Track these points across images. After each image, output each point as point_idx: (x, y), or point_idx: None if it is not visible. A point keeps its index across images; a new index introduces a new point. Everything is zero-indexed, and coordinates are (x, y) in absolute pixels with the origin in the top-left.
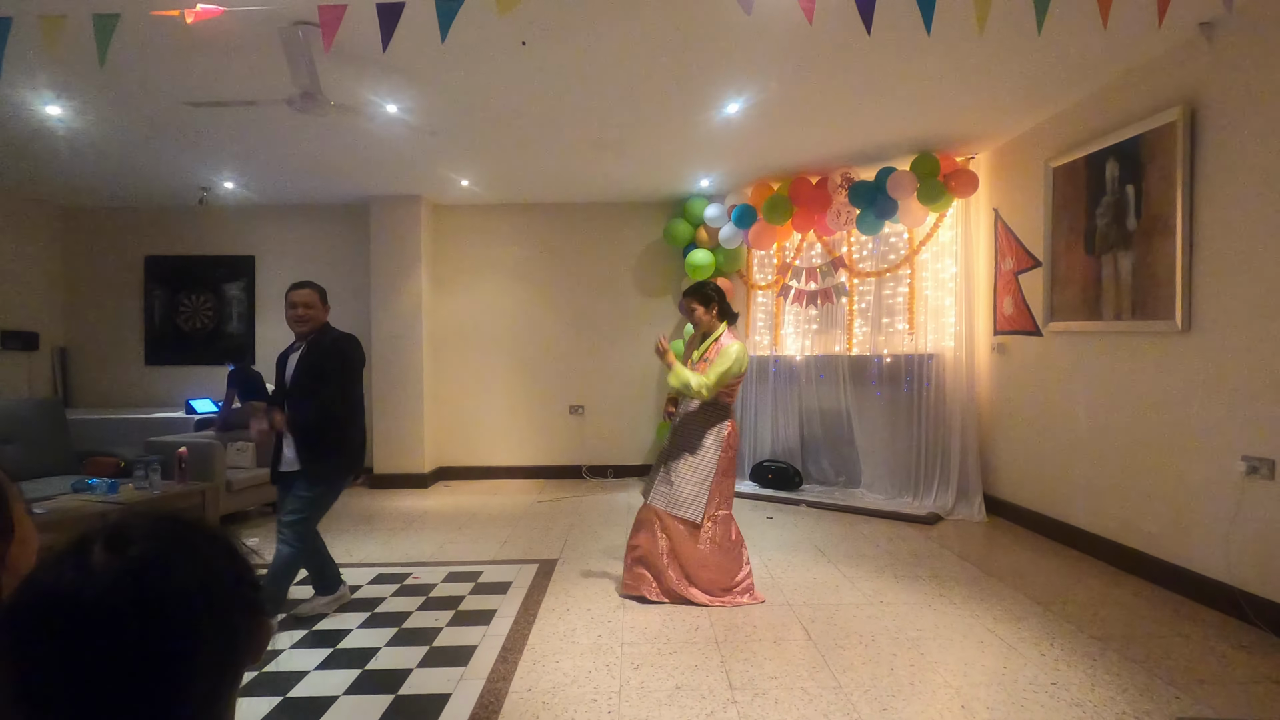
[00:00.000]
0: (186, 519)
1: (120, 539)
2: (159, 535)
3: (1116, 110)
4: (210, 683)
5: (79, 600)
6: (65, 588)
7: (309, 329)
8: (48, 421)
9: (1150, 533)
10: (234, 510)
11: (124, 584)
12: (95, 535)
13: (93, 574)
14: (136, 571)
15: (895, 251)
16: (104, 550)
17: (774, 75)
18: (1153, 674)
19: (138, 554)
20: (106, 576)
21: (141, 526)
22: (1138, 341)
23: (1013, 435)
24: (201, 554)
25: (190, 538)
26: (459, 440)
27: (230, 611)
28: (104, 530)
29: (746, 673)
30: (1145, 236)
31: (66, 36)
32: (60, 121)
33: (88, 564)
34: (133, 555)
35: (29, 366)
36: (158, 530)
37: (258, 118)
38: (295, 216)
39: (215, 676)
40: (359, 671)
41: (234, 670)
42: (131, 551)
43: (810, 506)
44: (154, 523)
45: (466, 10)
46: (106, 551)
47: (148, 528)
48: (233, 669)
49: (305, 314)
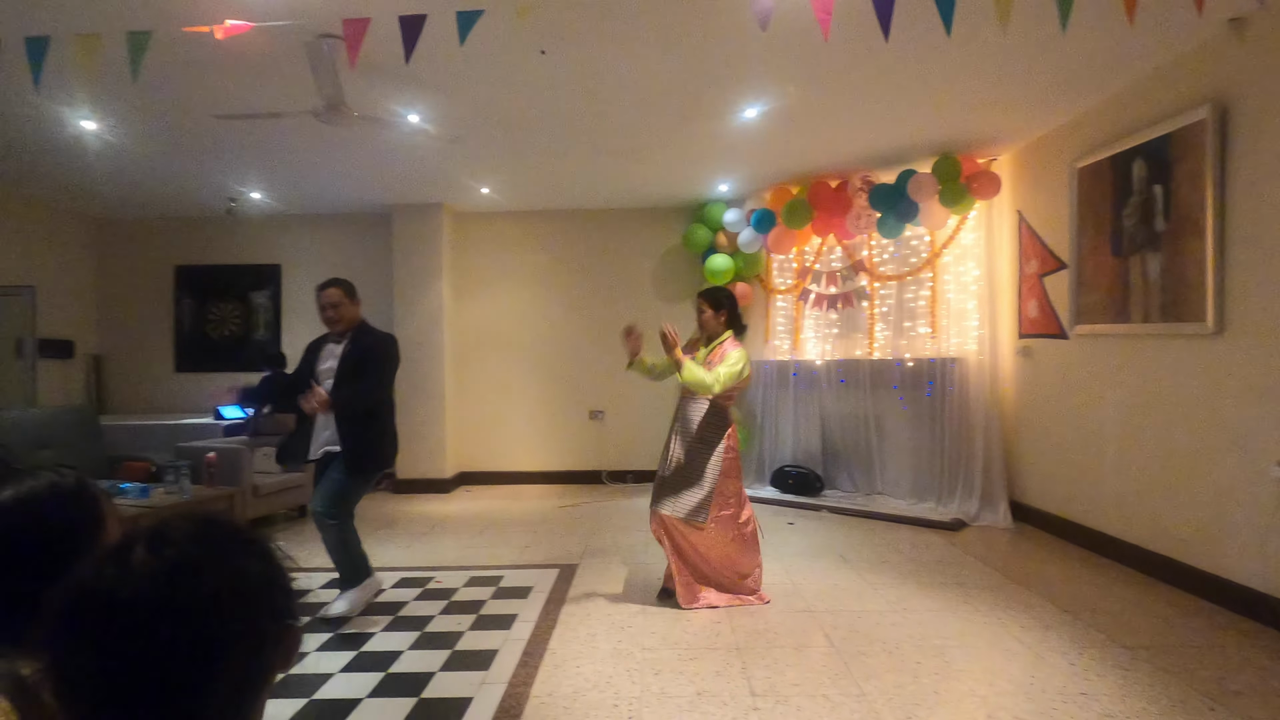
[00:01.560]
0: (227, 524)
1: (160, 541)
2: (196, 539)
3: (1143, 109)
4: (238, 684)
5: (115, 598)
6: (104, 585)
7: (343, 326)
8: (83, 427)
9: (1182, 539)
10: (260, 514)
11: (158, 585)
12: (139, 536)
13: (131, 573)
14: (170, 573)
15: (916, 254)
16: (144, 551)
17: (792, 79)
18: (1187, 685)
19: (173, 556)
20: (143, 577)
21: (182, 529)
22: (1167, 344)
23: (1038, 440)
24: (235, 559)
25: (226, 543)
26: (480, 445)
27: (259, 616)
28: (147, 531)
29: (768, 679)
30: (1174, 237)
31: (101, 54)
32: (95, 136)
33: (128, 563)
34: (168, 557)
35: (65, 374)
36: (196, 534)
37: (284, 129)
38: (319, 225)
39: (243, 678)
40: (383, 674)
41: (263, 673)
42: (168, 553)
43: (832, 512)
44: (194, 526)
45: (486, 20)
46: (146, 552)
47: (187, 531)
48: (261, 672)
49: (335, 313)
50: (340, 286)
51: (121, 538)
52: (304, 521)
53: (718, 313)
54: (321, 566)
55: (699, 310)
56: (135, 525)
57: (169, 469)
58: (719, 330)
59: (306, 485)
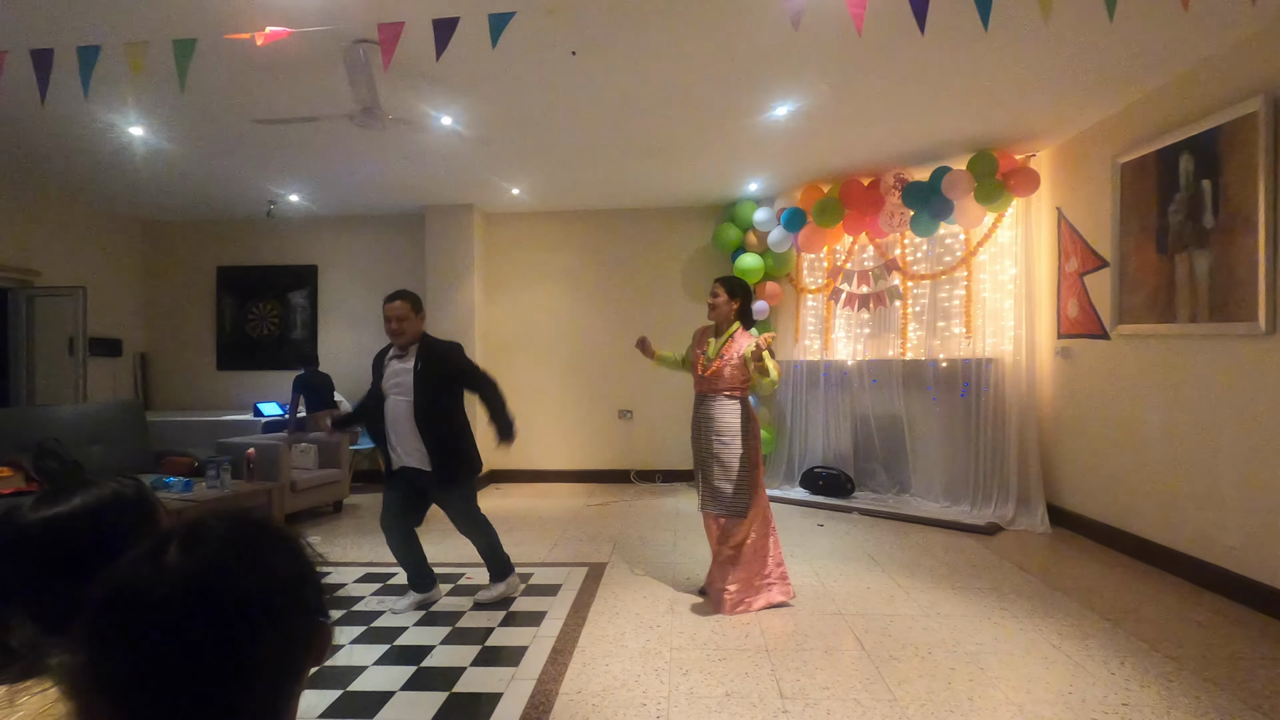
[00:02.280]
0: (260, 522)
1: (193, 540)
2: (228, 538)
3: (1191, 102)
4: (270, 682)
5: (148, 596)
6: (138, 583)
7: (407, 339)
8: (130, 423)
9: (1231, 547)
10: (298, 509)
11: (190, 584)
12: (173, 535)
13: (164, 572)
14: (203, 572)
15: (951, 253)
16: (178, 549)
17: (824, 76)
18: (1235, 697)
19: (206, 555)
20: (176, 575)
21: (215, 528)
22: (1216, 345)
23: (1078, 442)
24: (267, 558)
25: (259, 541)
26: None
27: (291, 615)
28: (180, 530)
29: (797, 682)
30: (1224, 234)
31: (148, 62)
32: (143, 141)
33: (162, 562)
34: (201, 556)
35: (113, 371)
36: (228, 533)
37: (321, 133)
38: (354, 227)
39: (275, 677)
40: (415, 668)
41: (295, 671)
42: (201, 552)
43: (863, 514)
44: (226, 525)
45: (517, 22)
46: (179, 551)
47: (220, 530)
48: (293, 670)
49: (399, 326)
50: (407, 299)
51: (156, 537)
52: (339, 517)
53: (732, 299)
54: (355, 561)
55: (713, 294)
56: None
57: (211, 464)
58: (729, 318)
59: (343, 481)
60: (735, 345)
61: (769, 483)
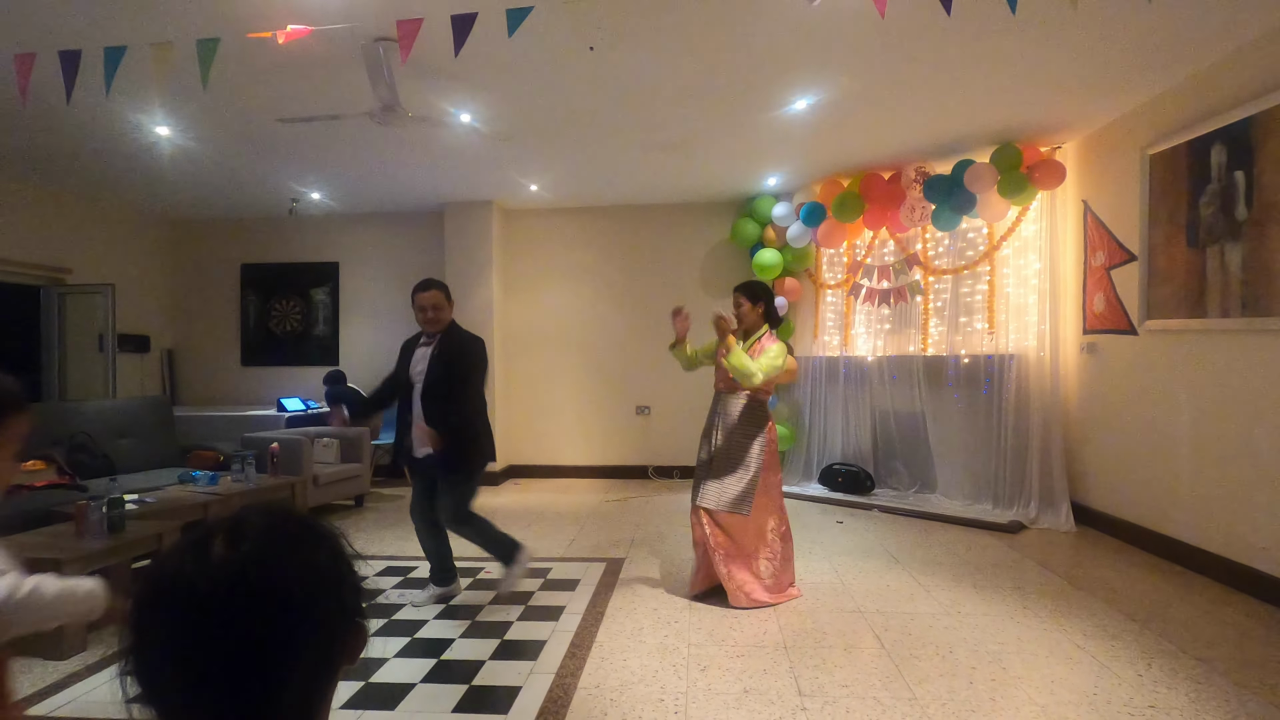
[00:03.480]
0: (302, 519)
1: (238, 534)
2: (272, 534)
3: (1224, 91)
4: (307, 678)
5: (193, 589)
6: (183, 576)
7: (439, 328)
8: (157, 418)
9: (1263, 547)
10: (320, 503)
11: (233, 578)
12: (219, 528)
13: (209, 565)
14: (246, 567)
15: (974, 248)
16: (223, 543)
17: (844, 69)
18: (1268, 701)
19: (249, 550)
20: (220, 569)
21: (258, 524)
22: (1249, 340)
23: (1104, 440)
24: (308, 555)
25: (301, 538)
26: (529, 439)
27: (329, 612)
28: (226, 524)
29: (816, 679)
30: (1258, 226)
31: (173, 61)
32: (168, 141)
33: (207, 555)
34: (245, 550)
35: (141, 367)
36: (272, 529)
37: (341, 131)
38: (375, 224)
39: (312, 673)
40: (435, 661)
41: (330, 669)
42: (244, 547)
43: (883, 511)
44: (270, 521)
45: (535, 18)
46: (224, 545)
47: (263, 525)
48: (329, 668)
49: (434, 315)
50: (440, 289)
51: (202, 530)
52: (361, 511)
53: (755, 305)
54: (377, 555)
55: (736, 304)
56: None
57: (236, 458)
58: (757, 324)
59: (364, 475)
60: (761, 347)
61: (788, 479)
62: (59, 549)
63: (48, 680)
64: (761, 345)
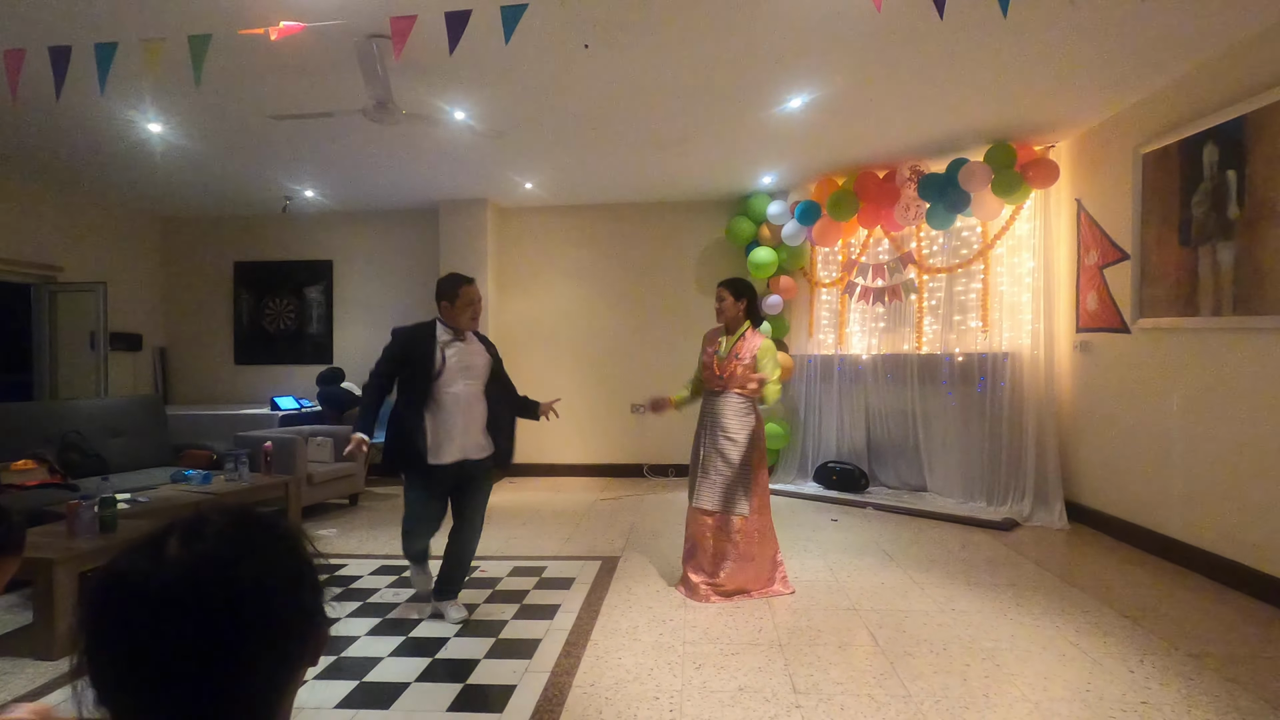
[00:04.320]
0: (261, 519)
1: (194, 533)
2: (229, 534)
3: (1215, 90)
4: (263, 679)
5: (143, 587)
6: (135, 574)
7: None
8: (150, 416)
9: (1255, 544)
10: (314, 502)
11: (186, 577)
12: (175, 527)
13: (161, 564)
14: (199, 566)
15: (968, 246)
16: (178, 543)
17: (839, 67)
18: (1258, 697)
19: (204, 550)
20: (172, 568)
21: (215, 523)
22: (1241, 339)
23: (1098, 438)
24: (265, 555)
25: (259, 537)
26: (524, 437)
27: (287, 612)
28: (183, 523)
29: (811, 677)
30: (1249, 225)
31: (165, 58)
32: (161, 138)
33: (161, 554)
34: (199, 550)
35: (134, 366)
36: (230, 529)
37: (335, 128)
38: (369, 222)
39: (269, 673)
40: (429, 660)
41: (289, 669)
42: (199, 547)
43: (877, 509)
44: (228, 521)
45: (530, 16)
46: (180, 544)
47: (221, 525)
48: (287, 668)
49: (479, 310)
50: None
51: (161, 528)
52: (356, 510)
53: (738, 300)
54: (371, 554)
55: (719, 299)
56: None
57: (229, 457)
58: (739, 319)
59: (358, 474)
60: (746, 344)
61: (783, 477)
62: (51, 549)
63: (38, 681)
64: (748, 344)
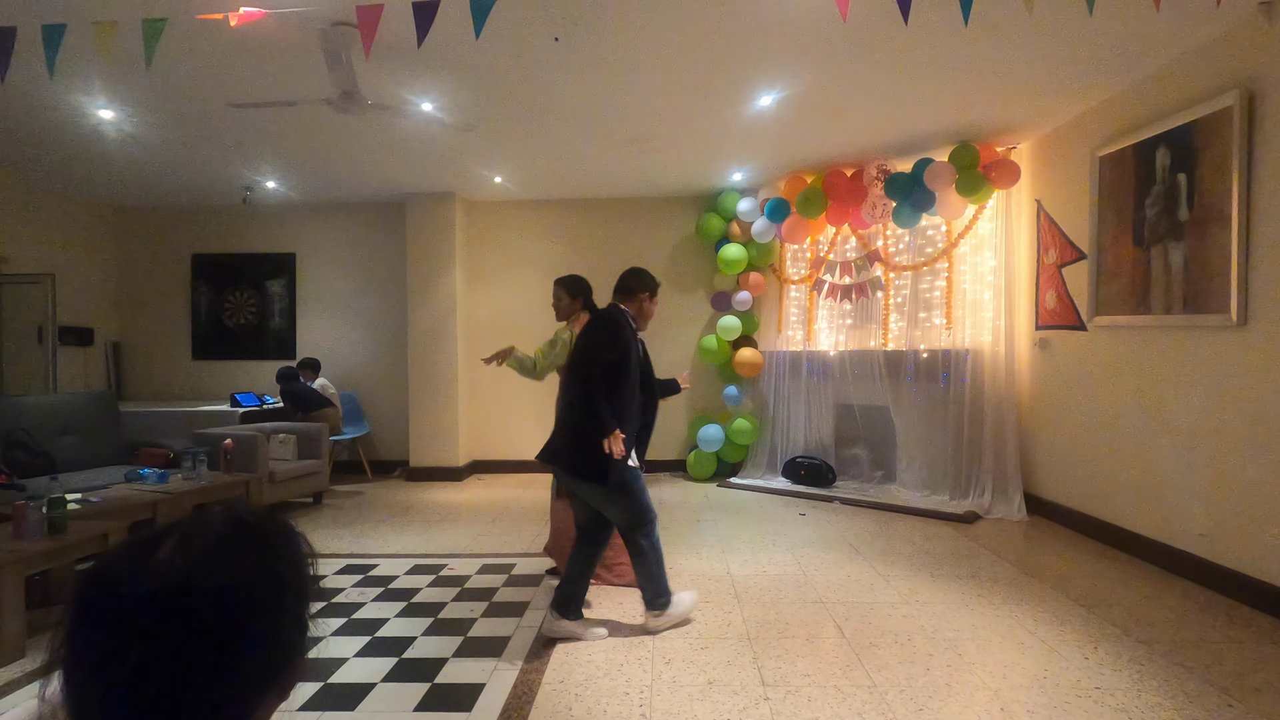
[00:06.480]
0: (262, 528)
1: (187, 542)
2: (224, 543)
3: (1168, 96)
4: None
5: (126, 592)
6: (118, 575)
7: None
8: (102, 414)
9: (1201, 534)
10: (276, 500)
11: (171, 584)
12: (170, 532)
13: (146, 571)
14: (185, 576)
15: (933, 244)
16: (170, 549)
17: (808, 67)
18: (1204, 680)
19: (194, 560)
20: (159, 574)
21: (215, 531)
22: (1189, 336)
23: (1055, 432)
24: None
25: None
26: (492, 434)
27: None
28: (181, 528)
29: (779, 669)
30: (1198, 227)
31: (117, 42)
32: (113, 125)
33: (148, 560)
34: (190, 559)
35: (85, 361)
36: (226, 538)
37: (298, 118)
38: (334, 215)
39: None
40: (396, 660)
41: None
42: (191, 556)
43: (844, 503)
44: (227, 529)
45: (500, 8)
46: (172, 550)
47: (218, 533)
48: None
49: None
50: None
51: (157, 531)
52: (319, 508)
53: (574, 300)
54: (336, 553)
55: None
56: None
57: (187, 455)
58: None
59: (322, 473)
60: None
61: (752, 472)
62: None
63: None
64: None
